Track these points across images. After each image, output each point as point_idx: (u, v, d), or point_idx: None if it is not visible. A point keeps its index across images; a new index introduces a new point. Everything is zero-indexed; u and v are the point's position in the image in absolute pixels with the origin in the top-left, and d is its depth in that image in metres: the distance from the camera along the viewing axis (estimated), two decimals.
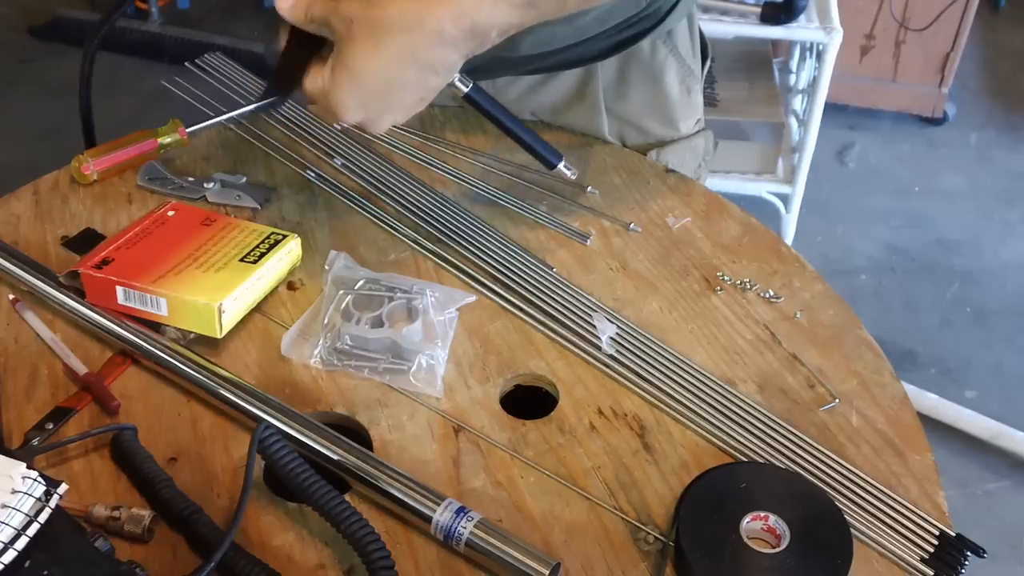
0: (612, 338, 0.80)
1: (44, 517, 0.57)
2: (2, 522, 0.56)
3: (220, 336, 0.78)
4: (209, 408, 0.74)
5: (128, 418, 0.73)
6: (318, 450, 0.68)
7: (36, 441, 0.71)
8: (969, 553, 0.66)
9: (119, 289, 0.78)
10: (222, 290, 0.78)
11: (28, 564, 0.56)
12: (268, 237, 0.85)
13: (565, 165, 0.91)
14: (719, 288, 0.86)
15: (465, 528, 0.63)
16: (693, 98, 1.06)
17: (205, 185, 0.95)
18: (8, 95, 2.94)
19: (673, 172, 1.01)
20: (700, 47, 1.07)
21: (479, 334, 0.81)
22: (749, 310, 0.84)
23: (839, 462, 0.71)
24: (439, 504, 0.64)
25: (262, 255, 0.83)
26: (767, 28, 2.09)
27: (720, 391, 0.76)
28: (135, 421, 0.72)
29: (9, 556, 0.55)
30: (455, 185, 0.98)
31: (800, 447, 0.72)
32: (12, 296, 0.83)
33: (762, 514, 0.65)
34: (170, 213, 0.87)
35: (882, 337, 0.83)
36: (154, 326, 0.79)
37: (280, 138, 1.03)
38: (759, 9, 2.08)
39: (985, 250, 2.53)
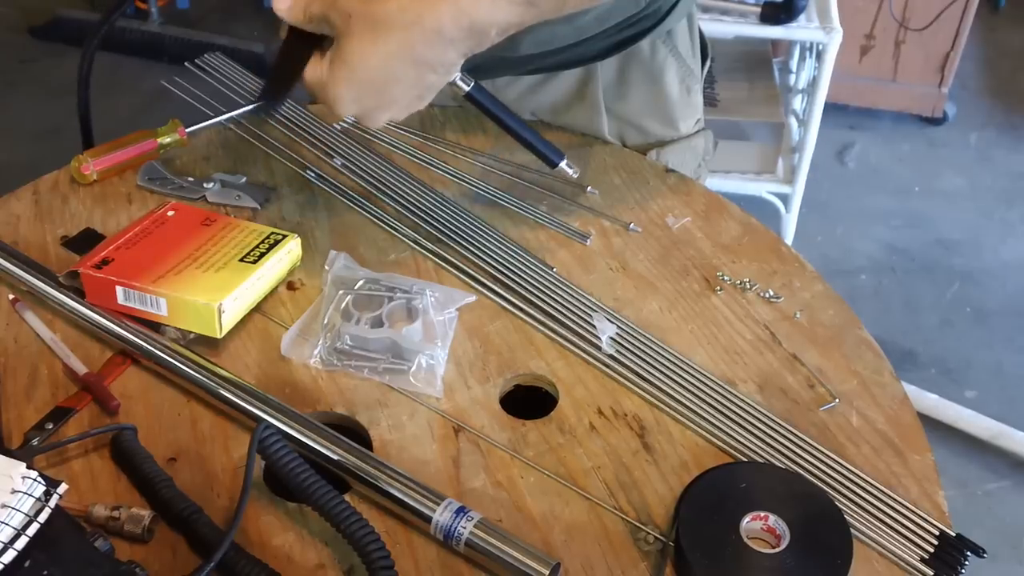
0: (612, 338, 0.80)
1: (44, 517, 0.57)
2: (2, 522, 0.56)
3: (220, 336, 0.78)
4: (209, 408, 0.74)
5: (128, 418, 0.73)
6: (318, 450, 0.68)
7: (36, 441, 0.71)
8: (969, 553, 0.66)
9: (119, 289, 0.78)
10: (222, 290, 0.78)
11: (28, 564, 0.56)
12: (268, 237, 0.85)
13: (567, 164, 0.91)
14: (719, 288, 0.86)
15: (465, 528, 0.63)
16: (693, 98, 1.06)
17: (205, 185, 0.95)
18: (8, 95, 2.94)
19: (673, 172, 1.01)
20: (700, 47, 1.07)
21: (479, 334, 0.81)
22: (749, 310, 0.84)
23: (839, 462, 0.71)
24: (439, 504, 0.64)
25: (262, 255, 0.83)
26: (767, 28, 2.09)
27: (720, 391, 0.76)
28: (135, 421, 0.72)
29: (9, 556, 0.55)
30: (455, 185, 0.98)
31: (800, 447, 0.72)
32: (12, 296, 0.83)
33: (762, 514, 0.65)
34: (170, 213, 0.87)
35: (882, 337, 0.83)
36: (154, 326, 0.79)
37: (280, 138, 1.03)
38: (759, 9, 2.08)
39: (985, 250, 2.53)
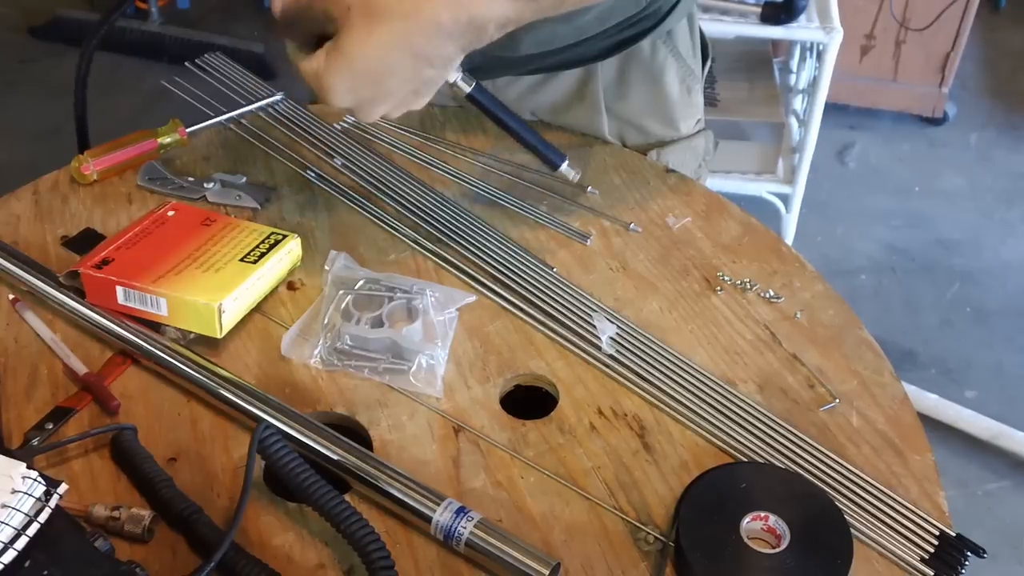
0: (612, 338, 0.80)
1: (44, 517, 0.57)
2: (2, 522, 0.56)
3: (220, 336, 0.78)
4: (209, 408, 0.74)
5: (128, 418, 0.73)
6: (318, 450, 0.68)
7: (36, 441, 0.71)
8: (969, 553, 0.66)
9: (119, 289, 0.78)
10: (222, 290, 0.78)
11: (28, 564, 0.56)
12: (268, 237, 0.85)
13: (568, 166, 0.91)
14: (719, 288, 0.86)
15: (465, 528, 0.63)
16: (693, 98, 1.06)
17: (205, 185, 0.95)
18: (8, 95, 2.94)
19: (673, 172, 1.01)
20: (701, 47, 1.07)
21: (479, 334, 0.81)
22: (749, 310, 0.84)
23: (839, 462, 0.71)
24: (439, 504, 0.64)
25: (262, 255, 0.83)
26: (767, 28, 2.09)
27: (720, 391, 0.76)
28: (135, 421, 0.72)
29: (9, 556, 0.55)
30: (455, 185, 0.98)
31: (800, 447, 0.72)
32: (12, 296, 0.83)
33: (762, 514, 0.65)
34: (170, 213, 0.87)
35: (882, 337, 0.83)
36: (154, 326, 0.79)
37: (280, 138, 1.03)
38: (759, 9, 2.08)
39: (985, 250, 2.53)
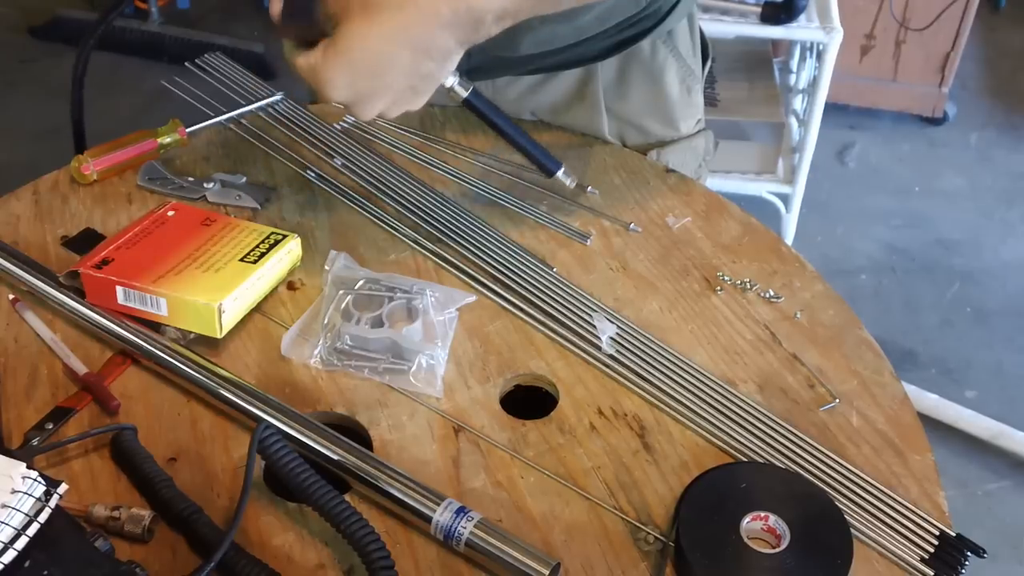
0: (612, 338, 0.80)
1: (44, 517, 0.57)
2: (2, 522, 0.56)
3: (220, 336, 0.78)
4: (209, 408, 0.74)
5: (128, 418, 0.73)
6: (318, 450, 0.68)
7: (36, 441, 0.71)
8: (969, 553, 0.66)
9: (119, 289, 0.78)
10: (222, 290, 0.78)
11: (28, 564, 0.56)
12: (268, 237, 0.85)
13: (564, 173, 0.91)
14: (719, 288, 0.86)
15: (465, 528, 0.63)
16: (694, 98, 1.06)
17: (205, 185, 0.95)
18: (8, 95, 2.94)
19: (673, 172, 1.00)
20: (701, 47, 1.07)
21: (479, 334, 0.81)
22: (749, 310, 0.84)
23: (839, 462, 0.71)
24: (439, 504, 0.64)
25: (262, 255, 0.83)
26: (767, 28, 2.09)
27: (720, 391, 0.76)
28: (135, 421, 0.72)
29: (9, 556, 0.55)
30: (455, 185, 0.98)
31: (800, 447, 0.72)
32: (12, 296, 0.83)
33: (762, 514, 0.65)
34: (170, 213, 0.87)
35: (882, 337, 0.83)
36: (154, 326, 0.79)
37: (280, 138, 1.03)
38: (759, 9, 2.08)
39: (985, 250, 2.53)
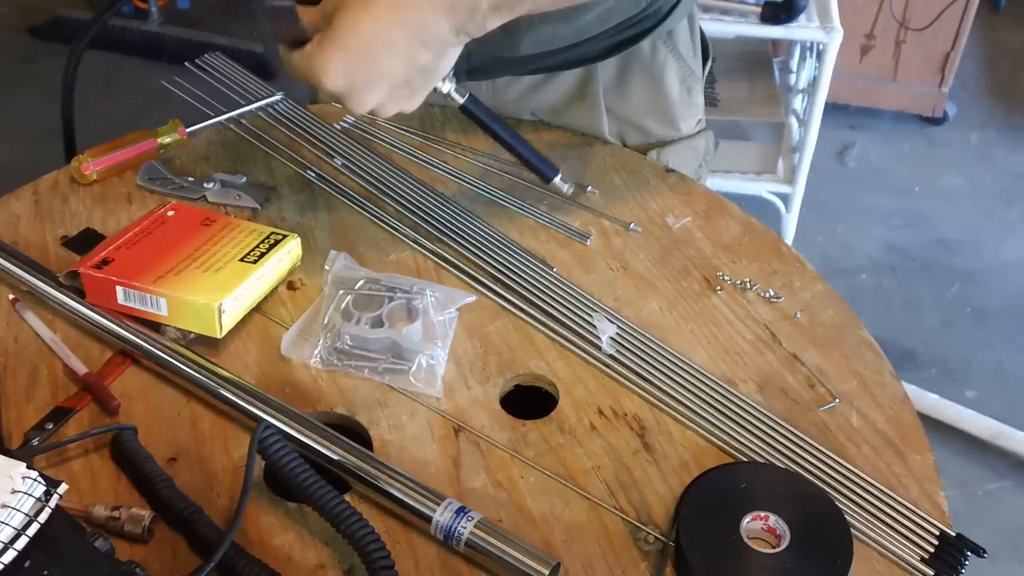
0: (612, 338, 0.80)
1: (44, 517, 0.57)
2: (2, 522, 0.56)
3: (220, 336, 0.78)
4: (209, 408, 0.74)
5: (128, 418, 0.73)
6: (318, 450, 0.68)
7: (36, 441, 0.71)
8: (969, 553, 0.66)
9: (119, 289, 0.78)
10: (222, 290, 0.78)
11: (28, 564, 0.56)
12: (268, 237, 0.85)
13: (561, 179, 0.91)
14: (719, 288, 0.86)
15: (465, 528, 0.63)
16: (694, 98, 1.06)
17: (205, 185, 0.95)
18: (8, 95, 2.94)
19: (673, 172, 1.00)
20: (701, 47, 1.07)
21: (479, 334, 0.81)
22: (749, 310, 0.84)
23: (839, 462, 0.71)
24: (439, 504, 0.64)
25: (262, 255, 0.83)
26: (767, 28, 2.09)
27: (720, 391, 0.76)
28: (135, 421, 0.72)
29: (9, 556, 0.55)
30: (455, 185, 0.98)
31: (800, 447, 0.72)
32: (12, 296, 0.83)
33: (762, 514, 0.65)
34: (170, 213, 0.87)
35: (882, 337, 0.83)
36: (154, 326, 0.79)
37: (280, 138, 1.03)
38: (759, 9, 2.08)
39: (985, 250, 2.53)
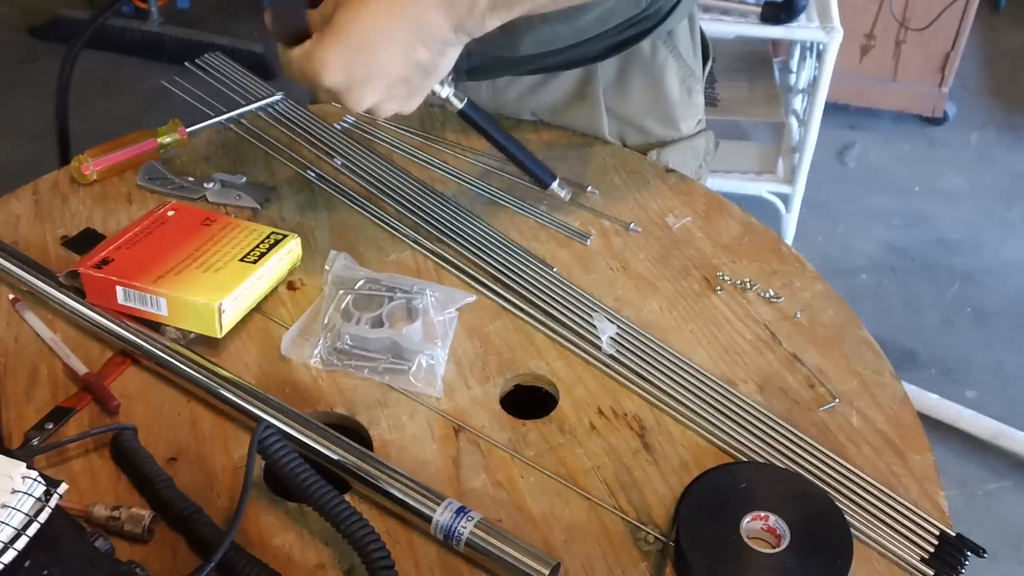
0: (612, 338, 0.80)
1: (44, 517, 0.57)
2: (2, 522, 0.56)
3: (220, 336, 0.78)
4: (209, 408, 0.74)
5: (128, 418, 0.73)
6: (318, 450, 0.68)
7: (36, 441, 0.71)
8: (969, 553, 0.66)
9: (119, 289, 0.78)
10: (222, 290, 0.78)
11: (28, 564, 0.56)
12: (268, 237, 0.85)
13: (559, 185, 0.91)
14: (719, 288, 0.86)
15: (465, 528, 0.63)
16: (694, 98, 1.06)
17: (205, 185, 0.95)
18: (8, 95, 2.94)
19: (673, 172, 1.00)
20: (701, 47, 1.07)
21: (479, 334, 0.81)
22: (749, 310, 0.84)
23: (839, 462, 0.71)
24: (439, 504, 0.64)
25: (262, 255, 0.83)
26: (767, 28, 2.09)
27: (720, 391, 0.76)
28: (135, 421, 0.72)
29: (9, 556, 0.55)
30: (455, 185, 0.98)
31: (800, 447, 0.72)
32: (12, 296, 0.83)
33: (762, 514, 0.65)
34: (170, 213, 0.87)
35: (882, 337, 0.83)
36: (154, 326, 0.79)
37: (280, 138, 1.03)
38: (759, 9, 2.08)
39: (985, 250, 2.53)
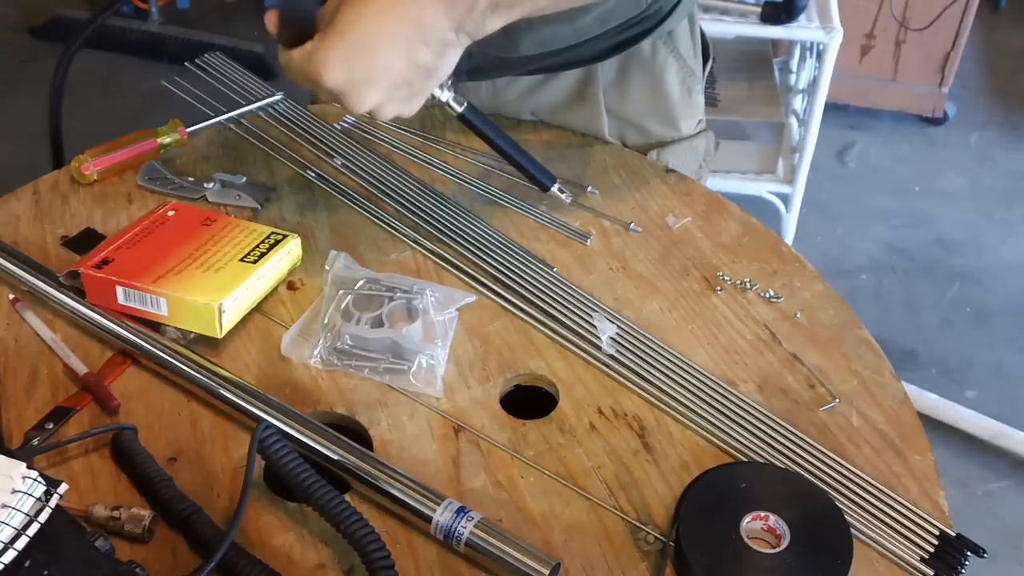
0: (612, 338, 0.80)
1: (44, 517, 0.57)
2: (2, 522, 0.56)
3: (220, 336, 0.78)
4: (209, 408, 0.74)
5: (128, 418, 0.73)
6: (318, 450, 0.68)
7: (36, 441, 0.71)
8: (969, 553, 0.66)
9: (119, 289, 0.78)
10: (222, 290, 0.78)
11: (28, 564, 0.56)
12: (268, 237, 0.85)
13: (559, 188, 0.91)
14: (719, 288, 0.86)
15: (465, 528, 0.63)
16: (694, 98, 1.06)
17: (205, 185, 0.95)
18: (8, 95, 2.94)
19: (673, 172, 1.00)
20: (701, 47, 1.07)
21: (479, 334, 0.81)
22: (749, 310, 0.84)
23: (839, 462, 0.71)
24: (439, 504, 0.65)
25: (262, 255, 0.83)
26: (767, 28, 2.09)
27: (720, 391, 0.76)
28: (135, 421, 0.72)
29: (9, 556, 0.55)
30: (455, 185, 0.98)
31: (800, 447, 0.72)
32: (12, 296, 0.83)
33: (762, 514, 0.65)
34: (170, 213, 0.87)
35: (882, 337, 0.83)
36: (154, 326, 0.79)
37: (280, 138, 1.03)
38: (759, 9, 2.08)
39: (985, 250, 2.53)
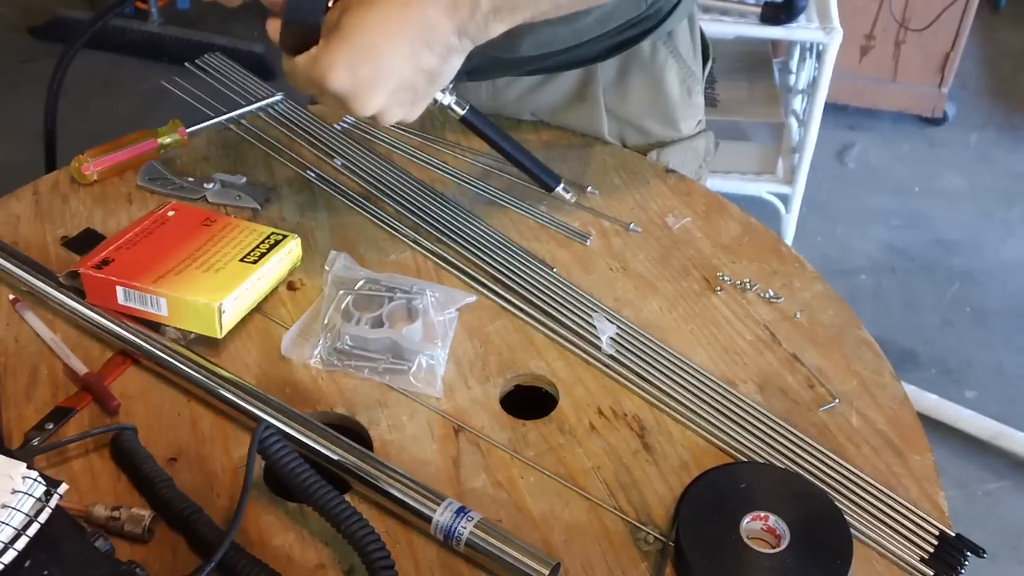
0: (612, 338, 0.80)
1: (44, 517, 0.57)
2: (2, 522, 0.56)
3: (220, 336, 0.78)
4: (209, 408, 0.74)
5: (128, 418, 0.73)
6: (318, 450, 0.68)
7: (36, 441, 0.71)
8: (969, 553, 0.66)
9: (119, 289, 0.78)
10: (222, 290, 0.78)
11: (28, 564, 0.56)
12: (268, 237, 0.85)
13: (563, 188, 0.91)
14: (719, 288, 0.86)
15: (465, 528, 0.63)
16: (694, 99, 1.06)
17: (205, 185, 0.95)
18: (8, 95, 2.94)
19: (673, 172, 1.00)
20: (701, 48, 1.07)
21: (479, 334, 0.81)
22: (749, 310, 0.84)
23: (839, 462, 0.71)
24: (439, 504, 0.65)
25: (262, 255, 0.83)
26: (767, 28, 2.09)
27: (720, 391, 0.76)
28: (135, 421, 0.72)
29: (9, 556, 0.55)
30: (455, 185, 0.98)
31: (800, 447, 0.72)
32: (12, 296, 0.83)
33: (762, 514, 0.65)
34: (170, 213, 0.87)
35: (882, 337, 0.83)
36: (154, 326, 0.79)
37: (280, 138, 1.03)
38: (759, 9, 2.08)
39: (985, 250, 2.53)
